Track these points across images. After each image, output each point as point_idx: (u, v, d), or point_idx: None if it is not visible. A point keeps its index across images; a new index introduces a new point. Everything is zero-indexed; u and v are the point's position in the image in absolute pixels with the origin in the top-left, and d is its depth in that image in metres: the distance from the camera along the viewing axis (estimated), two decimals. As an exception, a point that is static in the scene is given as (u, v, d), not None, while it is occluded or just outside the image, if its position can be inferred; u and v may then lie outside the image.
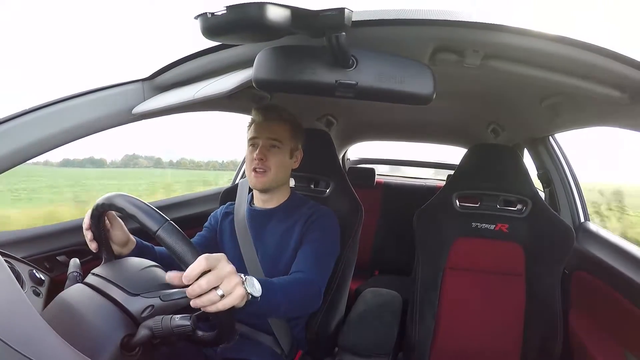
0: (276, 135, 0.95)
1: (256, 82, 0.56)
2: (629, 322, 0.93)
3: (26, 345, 0.41)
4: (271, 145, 0.95)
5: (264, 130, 0.95)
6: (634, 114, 0.73)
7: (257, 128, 0.96)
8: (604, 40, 0.57)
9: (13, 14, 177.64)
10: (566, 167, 1.37)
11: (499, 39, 0.59)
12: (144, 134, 19.89)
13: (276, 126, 0.95)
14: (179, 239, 0.56)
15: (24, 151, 0.63)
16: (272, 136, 0.95)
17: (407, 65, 0.55)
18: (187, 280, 0.54)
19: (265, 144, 0.94)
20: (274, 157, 0.94)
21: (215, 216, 1.08)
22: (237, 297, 0.57)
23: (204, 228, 1.07)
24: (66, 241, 0.97)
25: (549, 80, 0.69)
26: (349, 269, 1.14)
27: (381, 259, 2.08)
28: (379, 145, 2.51)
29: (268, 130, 0.95)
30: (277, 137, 0.95)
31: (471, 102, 1.18)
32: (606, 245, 1.11)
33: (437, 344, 1.18)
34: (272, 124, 0.95)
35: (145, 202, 0.61)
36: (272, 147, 0.95)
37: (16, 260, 0.70)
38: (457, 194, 1.23)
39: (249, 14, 0.43)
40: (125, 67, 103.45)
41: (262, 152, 0.93)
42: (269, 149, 0.94)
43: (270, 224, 0.99)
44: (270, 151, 0.94)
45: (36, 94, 30.56)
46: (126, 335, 0.56)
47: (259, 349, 0.94)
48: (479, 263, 1.20)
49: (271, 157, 0.94)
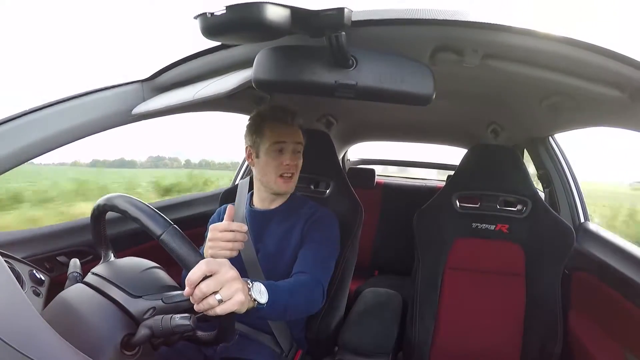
0: (300, 139, 0.96)
1: (256, 82, 0.56)
2: (629, 322, 0.93)
3: (26, 344, 0.41)
4: (297, 151, 0.95)
5: (292, 134, 0.94)
6: (633, 114, 0.73)
7: (285, 132, 0.94)
8: (604, 40, 0.57)
9: (13, 14, 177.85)
10: (566, 167, 1.37)
11: (498, 39, 0.59)
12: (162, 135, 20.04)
13: (297, 130, 0.96)
14: (182, 244, 0.57)
15: (24, 151, 0.63)
16: (299, 140, 0.95)
17: (406, 65, 0.55)
18: (188, 284, 0.54)
19: (294, 149, 0.94)
20: (298, 162, 0.96)
21: (214, 222, 1.07)
22: (236, 303, 0.57)
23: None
24: (66, 242, 0.97)
25: (548, 80, 0.69)
26: (349, 269, 1.14)
27: (381, 259, 2.08)
28: (380, 145, 2.51)
29: (295, 134, 0.95)
30: (301, 141, 0.96)
31: (471, 102, 1.18)
32: (606, 245, 1.11)
33: (437, 344, 1.18)
34: (295, 128, 0.95)
35: (148, 205, 0.61)
36: (297, 152, 0.95)
37: (16, 261, 0.70)
38: (457, 195, 1.23)
39: (248, 14, 0.43)
40: (125, 68, 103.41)
41: (292, 157, 0.93)
42: (295, 153, 0.95)
43: (270, 225, 0.99)
44: (296, 155, 0.95)
45: (36, 94, 30.57)
46: (126, 335, 0.56)
47: (258, 348, 0.95)
48: (479, 263, 1.20)
49: (297, 162, 0.95)
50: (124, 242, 1.09)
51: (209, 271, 0.55)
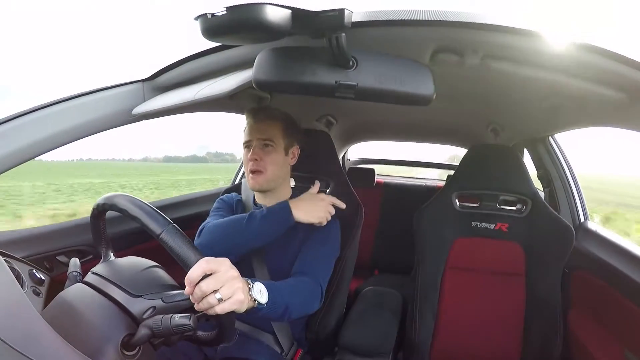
0: (268, 135, 0.95)
1: (256, 82, 0.56)
2: (629, 321, 0.93)
3: (26, 344, 0.41)
4: (264, 145, 0.95)
5: (255, 131, 0.96)
6: (633, 114, 0.73)
7: (249, 130, 0.97)
8: (603, 40, 0.57)
9: (13, 14, 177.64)
10: (566, 166, 1.37)
11: (499, 39, 0.59)
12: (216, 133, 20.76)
13: (267, 126, 0.96)
14: (182, 242, 0.56)
15: (24, 151, 0.63)
16: (264, 136, 0.95)
17: (407, 65, 0.55)
18: (188, 283, 0.54)
19: (258, 145, 0.95)
20: (268, 157, 0.95)
21: (229, 203, 1.06)
22: (236, 302, 0.57)
23: (221, 212, 1.02)
24: (66, 241, 0.97)
25: (548, 80, 0.69)
26: (349, 268, 1.14)
27: (381, 258, 2.09)
28: (383, 146, 2.52)
29: (259, 131, 0.95)
30: (268, 136, 0.95)
31: (471, 102, 1.18)
32: (606, 244, 1.11)
33: (437, 344, 1.18)
34: (263, 125, 0.96)
35: (147, 204, 0.61)
36: (266, 147, 0.95)
37: (16, 260, 0.70)
38: (457, 194, 1.23)
39: (249, 15, 0.43)
40: (125, 68, 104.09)
41: (255, 152, 0.94)
42: (262, 149, 0.95)
43: None
44: (264, 151, 0.95)
45: (36, 94, 30.68)
46: (126, 335, 0.56)
47: (259, 347, 0.95)
48: (479, 263, 1.20)
49: (265, 157, 0.94)
50: (124, 242, 1.09)
51: (209, 270, 0.55)
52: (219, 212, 1.02)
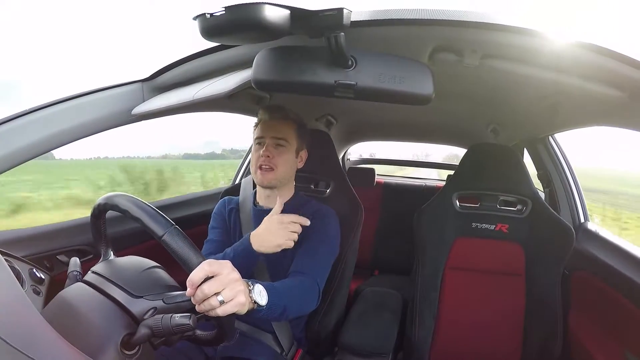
0: (282, 134, 0.96)
1: (255, 82, 0.56)
2: (629, 322, 0.93)
3: (26, 343, 0.41)
4: (277, 144, 0.96)
5: (270, 129, 0.96)
6: (633, 113, 0.73)
7: (264, 127, 0.97)
8: (603, 39, 0.57)
9: (13, 14, 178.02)
10: (566, 167, 1.36)
11: (498, 39, 0.59)
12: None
13: (282, 125, 0.96)
14: (184, 245, 0.57)
15: (24, 151, 0.63)
16: (278, 135, 0.96)
17: (406, 65, 0.55)
18: (190, 285, 0.54)
19: (271, 143, 0.95)
20: (280, 156, 0.95)
21: (222, 215, 1.06)
22: (237, 305, 0.57)
23: (216, 230, 1.04)
24: (66, 240, 0.97)
25: (548, 80, 0.69)
26: (349, 268, 1.14)
27: (381, 258, 2.09)
28: (383, 146, 2.52)
29: (274, 129, 0.96)
30: (283, 136, 0.96)
31: (471, 102, 1.18)
32: (606, 245, 1.11)
33: (437, 344, 1.18)
34: (278, 124, 0.96)
35: (149, 204, 0.61)
36: (278, 146, 0.96)
37: (16, 259, 0.70)
38: (457, 194, 1.23)
39: (247, 15, 0.43)
40: (125, 68, 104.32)
41: (268, 150, 0.94)
42: (275, 147, 0.95)
43: None
44: (277, 149, 0.95)
45: (36, 94, 30.72)
46: (126, 334, 0.56)
47: (259, 347, 0.95)
48: (479, 263, 1.20)
49: (277, 156, 0.95)
50: (124, 241, 1.09)
51: (211, 272, 0.55)
52: (214, 230, 1.04)
